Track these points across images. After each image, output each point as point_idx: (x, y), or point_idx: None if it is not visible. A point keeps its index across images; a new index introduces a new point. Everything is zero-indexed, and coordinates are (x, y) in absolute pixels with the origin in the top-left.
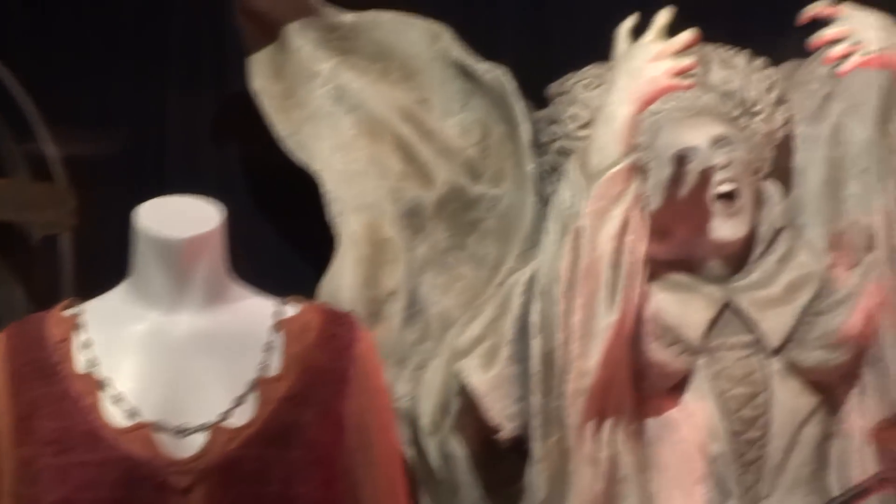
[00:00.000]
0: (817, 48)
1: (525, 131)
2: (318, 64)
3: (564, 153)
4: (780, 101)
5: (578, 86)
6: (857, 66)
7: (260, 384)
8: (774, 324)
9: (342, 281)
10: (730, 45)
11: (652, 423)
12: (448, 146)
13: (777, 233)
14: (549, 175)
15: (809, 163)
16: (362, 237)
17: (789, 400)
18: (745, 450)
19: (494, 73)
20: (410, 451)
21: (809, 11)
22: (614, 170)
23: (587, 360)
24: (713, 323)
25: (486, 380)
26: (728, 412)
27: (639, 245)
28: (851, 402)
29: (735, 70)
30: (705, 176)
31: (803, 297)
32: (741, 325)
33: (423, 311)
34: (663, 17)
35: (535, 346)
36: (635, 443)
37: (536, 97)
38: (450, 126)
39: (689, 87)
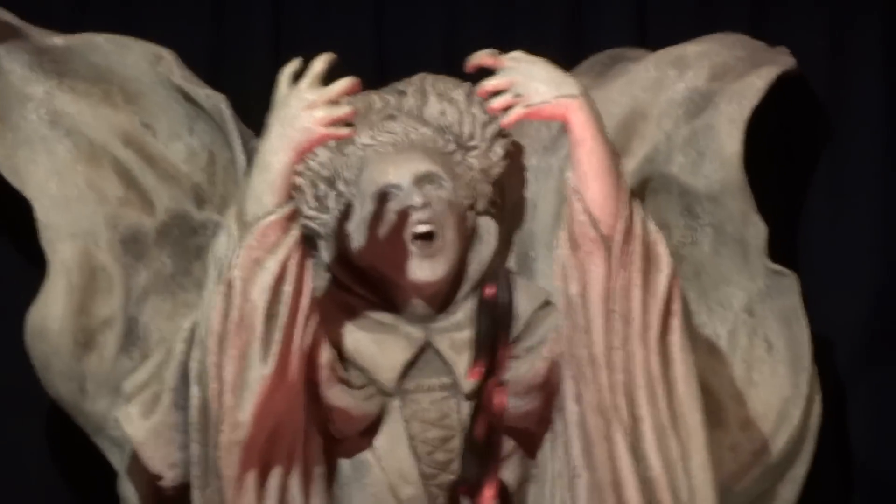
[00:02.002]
0: (484, 97)
1: (241, 160)
2: (31, 87)
3: None
4: (499, 136)
5: None
6: (519, 118)
7: None
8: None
9: (51, 310)
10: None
11: (345, 465)
12: (173, 171)
13: (486, 272)
14: None
15: (541, 195)
16: (74, 265)
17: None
18: (438, 493)
19: (214, 100)
20: None
21: (474, 60)
22: (269, 220)
23: (240, 412)
24: (410, 364)
25: (146, 427)
26: (420, 455)
27: (301, 295)
28: (546, 448)
29: (452, 104)
30: (404, 215)
31: None
32: (440, 367)
33: (144, 339)
34: (320, 63)
35: (194, 394)
36: (325, 485)
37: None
38: (176, 151)
39: (347, 137)
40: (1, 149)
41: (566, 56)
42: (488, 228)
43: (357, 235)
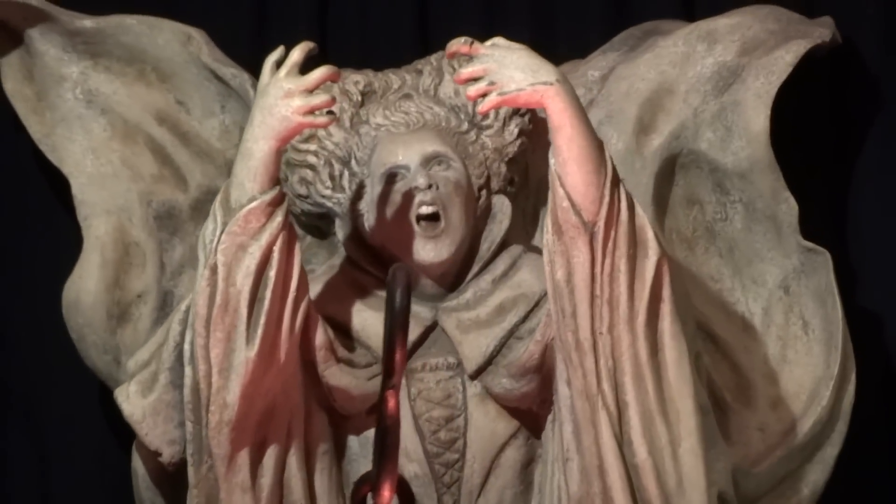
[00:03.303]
0: (461, 84)
1: None
2: (66, 67)
3: (290, 164)
4: (514, 115)
5: None
6: (494, 106)
7: None
8: (473, 347)
9: (85, 284)
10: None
11: (353, 441)
12: (206, 148)
13: (498, 250)
14: (284, 183)
15: None
16: (109, 240)
17: (487, 424)
18: (443, 471)
19: (240, 79)
20: None
21: (451, 48)
22: (251, 206)
23: (228, 393)
24: (417, 344)
25: (144, 405)
26: (425, 434)
27: (288, 279)
28: (548, 429)
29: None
30: (409, 196)
31: (509, 321)
32: (447, 347)
33: None
34: (297, 52)
35: (187, 375)
36: (331, 462)
37: None
38: (209, 128)
39: (326, 125)
40: (40, 127)
41: (608, 27)
42: (502, 207)
43: (368, 215)
